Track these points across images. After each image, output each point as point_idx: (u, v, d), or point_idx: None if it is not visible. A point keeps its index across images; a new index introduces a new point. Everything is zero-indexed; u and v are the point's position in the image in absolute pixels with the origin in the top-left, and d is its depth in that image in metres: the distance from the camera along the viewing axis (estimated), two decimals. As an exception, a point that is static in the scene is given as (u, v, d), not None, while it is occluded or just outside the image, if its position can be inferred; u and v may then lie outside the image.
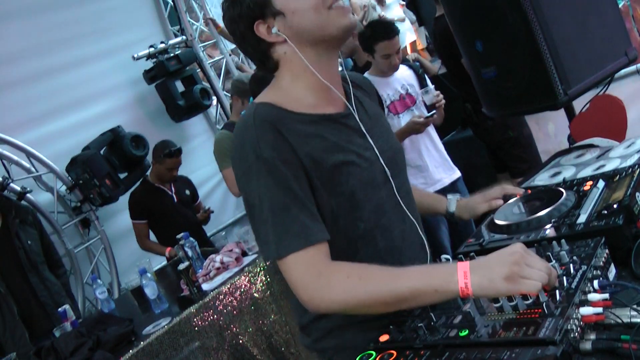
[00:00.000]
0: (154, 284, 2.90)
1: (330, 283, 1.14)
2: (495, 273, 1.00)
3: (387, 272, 1.14)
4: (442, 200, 1.70)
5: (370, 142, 1.33)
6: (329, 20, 1.25)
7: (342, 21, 1.26)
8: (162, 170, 4.20)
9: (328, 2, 1.24)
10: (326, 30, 1.26)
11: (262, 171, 1.18)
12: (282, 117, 1.24)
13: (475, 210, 1.63)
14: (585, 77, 1.90)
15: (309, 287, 1.16)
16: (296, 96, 1.30)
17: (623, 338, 0.90)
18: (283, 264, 1.18)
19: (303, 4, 1.24)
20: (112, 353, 2.52)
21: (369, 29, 3.24)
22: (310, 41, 1.28)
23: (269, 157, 1.18)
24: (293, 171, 1.20)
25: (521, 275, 0.98)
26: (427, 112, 3.19)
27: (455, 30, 2.20)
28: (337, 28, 1.26)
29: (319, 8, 1.24)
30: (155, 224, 4.29)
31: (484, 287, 1.01)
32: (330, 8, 1.24)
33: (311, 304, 1.17)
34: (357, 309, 1.16)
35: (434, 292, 1.06)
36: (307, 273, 1.16)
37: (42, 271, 3.52)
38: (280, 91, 1.32)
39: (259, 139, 1.19)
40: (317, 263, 1.17)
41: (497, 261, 1.02)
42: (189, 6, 5.87)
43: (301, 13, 1.25)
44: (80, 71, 4.81)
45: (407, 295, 1.09)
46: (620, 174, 1.43)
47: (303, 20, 1.26)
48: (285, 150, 1.20)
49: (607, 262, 1.13)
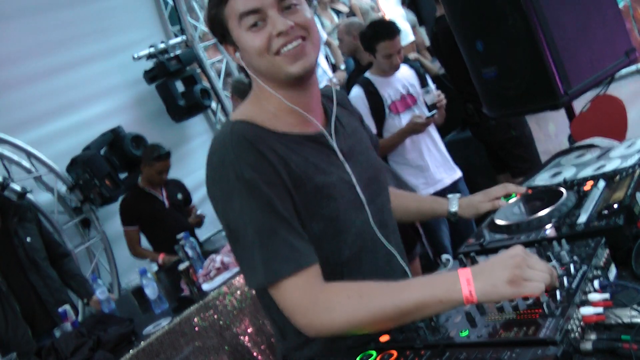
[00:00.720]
0: (154, 284, 2.90)
1: (330, 306, 1.09)
2: (497, 278, 0.98)
3: (388, 287, 1.09)
4: (442, 202, 1.66)
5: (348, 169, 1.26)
6: (274, 66, 1.18)
7: (290, 69, 1.17)
8: (152, 174, 4.13)
9: (274, 48, 1.16)
10: (274, 74, 1.20)
11: (244, 193, 1.11)
12: (261, 136, 1.18)
13: (478, 208, 1.61)
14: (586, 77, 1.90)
15: (307, 312, 1.10)
16: (274, 114, 1.24)
17: (623, 338, 0.90)
18: (275, 290, 1.12)
19: (249, 46, 1.18)
20: (113, 353, 2.52)
21: (370, 28, 3.25)
22: (267, 77, 1.22)
23: (250, 179, 1.11)
24: (277, 192, 1.13)
25: (524, 277, 0.97)
26: (428, 111, 3.20)
27: (456, 31, 2.20)
28: (285, 75, 1.18)
29: (262, 53, 1.17)
30: (146, 230, 4.24)
31: (488, 292, 0.99)
32: (278, 54, 1.16)
33: (310, 329, 1.12)
34: (361, 328, 1.10)
35: (438, 303, 1.03)
36: (304, 298, 1.10)
37: (43, 268, 3.52)
38: (257, 107, 1.26)
39: (240, 160, 1.12)
40: (313, 287, 1.11)
41: (498, 265, 1.00)
42: (190, 6, 5.87)
43: (250, 52, 1.19)
44: (80, 71, 4.81)
45: (411, 309, 1.05)
46: (620, 174, 1.43)
47: (252, 60, 1.20)
48: (267, 171, 1.13)
49: (608, 262, 1.13)
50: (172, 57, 5.23)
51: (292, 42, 1.16)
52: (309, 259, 1.12)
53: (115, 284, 4.71)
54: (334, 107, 1.34)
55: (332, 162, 1.26)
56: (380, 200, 1.34)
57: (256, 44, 1.16)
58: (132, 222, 4.20)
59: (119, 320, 2.84)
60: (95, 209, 4.71)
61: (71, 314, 3.00)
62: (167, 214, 4.22)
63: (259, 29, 1.16)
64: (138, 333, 2.68)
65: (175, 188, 4.42)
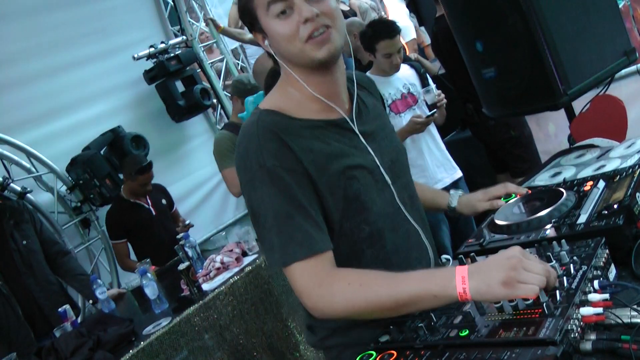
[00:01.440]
0: (154, 284, 2.90)
1: (332, 291, 1.16)
2: (492, 278, 1.00)
3: (388, 278, 1.15)
4: (445, 195, 1.72)
5: (370, 151, 1.33)
6: (303, 52, 1.23)
7: (317, 55, 1.23)
8: (136, 187, 4.04)
9: (303, 36, 1.22)
10: (302, 60, 1.25)
11: (266, 180, 1.19)
12: (285, 125, 1.25)
13: (476, 207, 1.64)
14: (585, 77, 1.90)
15: (312, 295, 1.18)
16: (299, 101, 1.30)
17: (623, 338, 0.90)
18: (288, 272, 1.20)
19: (278, 32, 1.23)
20: (113, 353, 2.51)
21: (370, 28, 3.25)
22: (294, 63, 1.28)
23: (272, 166, 1.19)
24: (297, 179, 1.21)
25: (518, 279, 0.98)
26: (428, 111, 3.20)
27: (456, 31, 2.20)
28: (312, 60, 1.24)
29: (292, 40, 1.23)
30: (135, 240, 4.14)
31: (482, 292, 1.01)
32: (306, 41, 1.22)
33: (315, 311, 1.20)
34: (359, 314, 1.17)
35: (433, 298, 1.07)
36: (311, 281, 1.18)
37: (40, 272, 3.49)
38: (284, 96, 1.32)
39: (262, 148, 1.20)
40: (320, 272, 1.18)
41: (494, 266, 1.02)
42: (189, 6, 5.87)
43: (278, 39, 1.25)
44: (80, 71, 4.80)
45: (406, 301, 1.10)
46: (620, 174, 1.43)
47: (280, 47, 1.27)
48: (288, 158, 1.21)
49: (608, 262, 1.13)
50: (172, 57, 5.23)
51: (319, 29, 1.21)
52: (322, 246, 1.19)
53: (115, 284, 4.71)
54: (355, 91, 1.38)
55: (356, 145, 1.32)
56: (403, 180, 1.41)
57: (285, 30, 1.22)
58: (120, 235, 4.10)
59: (119, 320, 2.84)
60: (95, 209, 4.71)
61: (71, 313, 3.00)
62: (155, 223, 4.14)
63: (286, 16, 1.22)
64: (138, 333, 2.68)
65: (159, 194, 4.32)
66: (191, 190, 5.44)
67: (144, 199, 4.15)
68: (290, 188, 1.19)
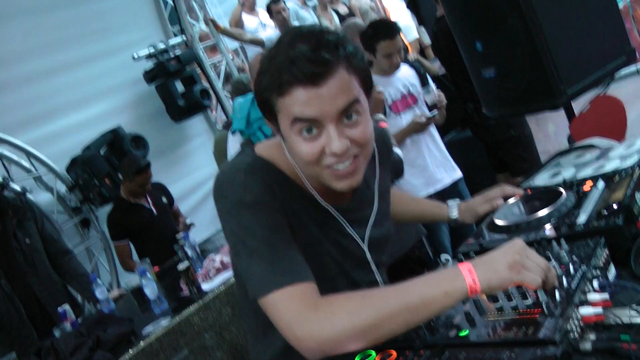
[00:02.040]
0: (154, 284, 2.90)
1: (332, 309, 1.02)
2: (498, 263, 0.99)
3: (391, 288, 1.05)
4: (442, 207, 1.68)
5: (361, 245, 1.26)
6: (321, 177, 1.13)
7: (336, 185, 1.12)
8: (135, 187, 4.01)
9: (324, 164, 1.09)
10: (317, 180, 1.15)
11: (245, 210, 1.10)
12: (278, 179, 1.17)
13: (477, 211, 1.63)
14: (585, 77, 1.90)
15: (305, 320, 1.01)
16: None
17: (623, 338, 0.90)
18: (270, 301, 1.05)
19: (298, 150, 1.10)
20: (112, 353, 2.51)
21: (370, 28, 3.24)
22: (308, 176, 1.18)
23: (252, 199, 1.10)
24: (278, 217, 1.12)
25: (523, 264, 0.98)
26: (428, 111, 3.20)
27: (455, 31, 2.21)
28: (330, 186, 1.13)
29: (312, 164, 1.11)
30: (137, 240, 4.12)
31: (490, 278, 0.99)
32: (327, 168, 1.10)
33: (310, 340, 1.01)
34: (365, 333, 1.00)
35: (444, 295, 0.99)
36: (303, 305, 1.03)
37: (43, 271, 3.49)
38: (283, 156, 1.20)
39: (247, 183, 1.11)
40: (312, 296, 1.05)
41: (499, 253, 1.02)
42: (189, 6, 5.88)
43: (295, 154, 1.13)
44: (80, 71, 4.81)
45: (417, 304, 0.99)
46: (620, 174, 1.43)
47: (296, 161, 1.16)
48: (271, 201, 1.12)
49: (607, 262, 1.13)
50: (172, 57, 5.24)
51: (345, 161, 1.09)
52: (307, 276, 1.07)
53: (115, 284, 4.71)
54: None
55: (343, 233, 1.24)
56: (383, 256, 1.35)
57: (306, 153, 1.09)
58: (122, 236, 4.08)
59: (119, 320, 2.84)
60: (95, 209, 4.71)
61: (71, 314, 3.00)
62: (156, 222, 4.12)
63: (312, 137, 1.08)
64: (137, 333, 2.68)
65: (158, 192, 4.30)
66: (191, 190, 5.44)
67: (144, 199, 4.13)
68: (273, 220, 1.10)
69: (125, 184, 4.06)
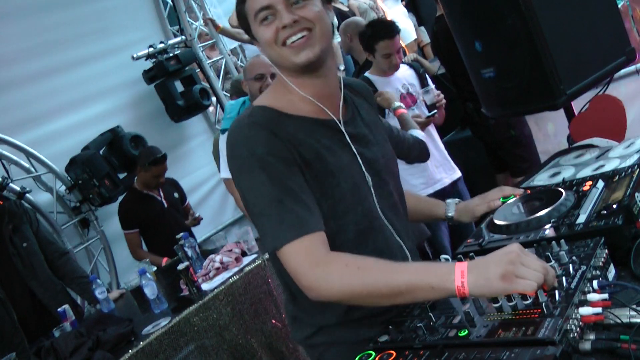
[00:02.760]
0: (154, 284, 2.90)
1: (329, 270, 1.17)
2: (491, 272, 1.01)
3: (386, 265, 1.16)
4: (441, 205, 1.72)
5: (356, 154, 1.35)
6: (281, 56, 1.29)
7: (295, 59, 1.27)
8: (149, 178, 4.12)
9: (280, 40, 1.26)
10: (283, 64, 1.31)
11: (255, 167, 1.22)
12: (276, 119, 1.29)
13: (475, 212, 1.65)
14: (585, 77, 1.90)
15: (307, 274, 1.18)
16: (291, 100, 1.34)
17: (622, 338, 0.90)
18: (282, 255, 1.20)
19: (261, 37, 1.29)
20: (112, 353, 2.51)
21: (369, 28, 3.24)
22: (280, 66, 1.33)
23: (261, 154, 1.22)
24: (286, 166, 1.23)
25: (516, 274, 0.99)
26: (427, 111, 3.20)
27: (455, 31, 2.20)
28: (293, 64, 1.29)
29: (271, 45, 1.28)
30: (147, 232, 4.22)
31: (480, 285, 1.02)
32: (284, 45, 1.27)
33: (311, 291, 1.19)
34: (354, 298, 1.17)
35: (429, 289, 1.07)
36: (306, 261, 1.18)
37: (42, 273, 3.48)
38: (277, 95, 1.36)
39: (252, 137, 1.24)
40: (315, 251, 1.19)
41: (493, 261, 1.03)
42: (189, 6, 5.87)
43: (262, 44, 1.32)
44: (80, 71, 4.81)
45: (402, 289, 1.10)
46: (619, 174, 1.43)
47: (265, 51, 1.33)
48: (278, 147, 1.24)
49: (607, 262, 1.13)
50: (171, 57, 5.23)
51: (297, 34, 1.25)
52: (314, 226, 1.20)
53: (115, 284, 4.71)
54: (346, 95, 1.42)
55: (343, 146, 1.34)
56: (389, 188, 1.42)
57: (266, 36, 1.27)
58: (132, 225, 4.18)
59: (118, 320, 2.84)
60: (94, 209, 4.71)
61: (71, 314, 3.00)
62: (166, 215, 4.21)
63: (269, 22, 1.27)
64: (137, 333, 2.68)
65: (171, 187, 4.40)
66: (190, 190, 5.42)
67: (156, 191, 4.22)
68: (279, 173, 1.21)
69: (140, 174, 4.15)
